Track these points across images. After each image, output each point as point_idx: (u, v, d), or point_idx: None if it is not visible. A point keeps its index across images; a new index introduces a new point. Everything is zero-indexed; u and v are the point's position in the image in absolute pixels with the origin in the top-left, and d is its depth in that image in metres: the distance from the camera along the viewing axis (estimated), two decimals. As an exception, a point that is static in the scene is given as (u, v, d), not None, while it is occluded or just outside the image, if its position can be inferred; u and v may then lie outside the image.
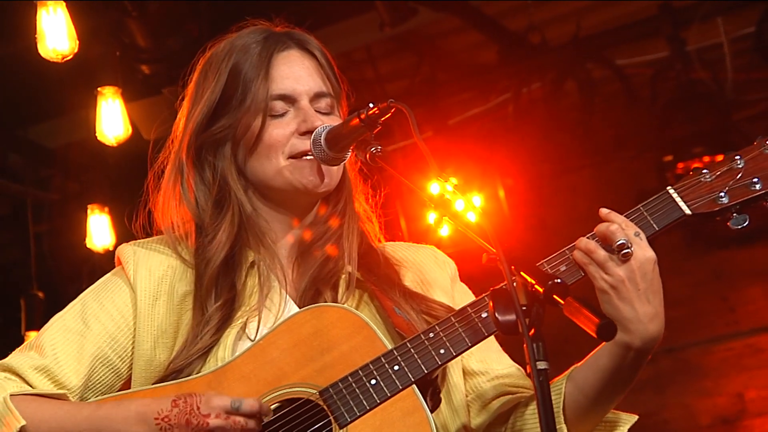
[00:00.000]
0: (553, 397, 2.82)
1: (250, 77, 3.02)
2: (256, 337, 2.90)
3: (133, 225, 3.17)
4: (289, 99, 3.03)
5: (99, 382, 2.94)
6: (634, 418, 2.97)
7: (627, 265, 2.76)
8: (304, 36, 3.13)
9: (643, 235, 2.80)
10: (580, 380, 2.87)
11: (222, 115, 3.04)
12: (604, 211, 2.84)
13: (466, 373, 3.06)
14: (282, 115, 3.02)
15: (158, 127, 3.42)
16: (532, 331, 2.48)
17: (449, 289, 3.14)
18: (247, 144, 3.02)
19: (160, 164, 3.14)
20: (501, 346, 3.11)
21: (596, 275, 2.78)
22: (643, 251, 2.78)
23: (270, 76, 3.03)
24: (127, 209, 3.24)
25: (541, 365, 2.46)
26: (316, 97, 3.05)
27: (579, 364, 2.89)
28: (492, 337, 3.05)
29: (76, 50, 5.56)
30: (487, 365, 3.06)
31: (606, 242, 2.78)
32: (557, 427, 2.79)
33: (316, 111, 3.03)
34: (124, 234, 3.16)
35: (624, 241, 2.75)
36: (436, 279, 3.13)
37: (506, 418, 3.00)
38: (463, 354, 2.99)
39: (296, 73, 3.05)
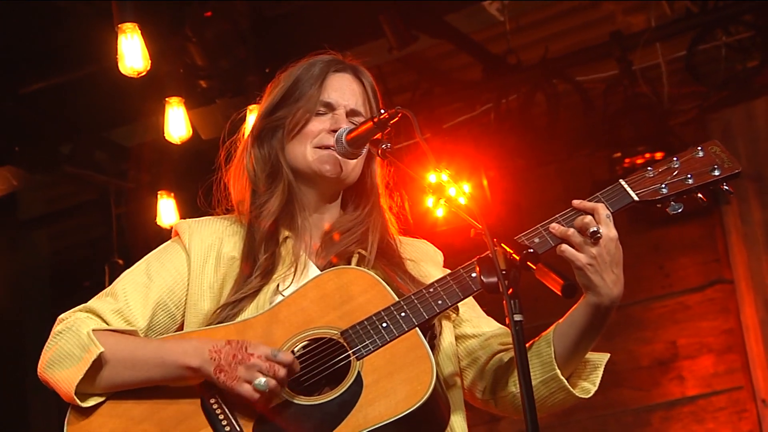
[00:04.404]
0: (544, 348, 2.86)
1: (309, 84, 3.05)
2: (288, 292, 2.90)
3: (197, 204, 3.19)
4: (331, 107, 3.05)
5: (159, 324, 2.96)
6: (607, 356, 2.96)
7: (597, 245, 2.75)
8: (360, 67, 3.17)
9: (611, 216, 2.79)
10: (563, 334, 2.87)
11: (281, 107, 3.07)
12: (575, 202, 2.84)
13: (460, 338, 3.04)
14: (323, 114, 3.05)
15: (212, 130, 3.43)
16: (510, 290, 2.49)
17: (441, 268, 3.13)
18: (291, 131, 3.04)
19: (227, 149, 3.16)
20: (486, 304, 3.10)
21: (574, 256, 2.77)
22: (609, 231, 2.76)
23: (323, 85, 3.06)
24: (189, 194, 3.25)
25: (517, 318, 2.47)
26: (352, 112, 3.06)
27: (560, 321, 2.89)
28: (479, 308, 3.05)
29: (148, 68, 5.53)
30: (479, 329, 3.05)
31: (583, 231, 2.76)
32: (552, 372, 2.84)
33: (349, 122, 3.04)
34: (186, 214, 3.17)
35: (596, 229, 2.74)
36: (429, 260, 3.13)
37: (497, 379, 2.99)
38: (458, 322, 3.00)
39: (343, 89, 3.08)
